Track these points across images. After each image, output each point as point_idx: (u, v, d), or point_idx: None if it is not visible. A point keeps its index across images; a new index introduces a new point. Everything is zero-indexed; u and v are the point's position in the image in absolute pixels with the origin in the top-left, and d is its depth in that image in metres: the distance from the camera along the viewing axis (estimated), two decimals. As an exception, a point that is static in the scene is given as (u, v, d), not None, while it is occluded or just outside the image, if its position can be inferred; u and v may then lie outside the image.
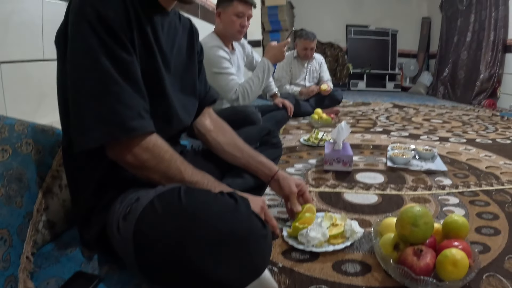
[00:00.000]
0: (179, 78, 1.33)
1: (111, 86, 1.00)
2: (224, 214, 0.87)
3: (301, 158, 2.61)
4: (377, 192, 1.95)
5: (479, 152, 2.83)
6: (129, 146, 1.05)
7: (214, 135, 1.55)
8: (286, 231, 1.46)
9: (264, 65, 2.77)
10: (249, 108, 2.66)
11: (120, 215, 1.01)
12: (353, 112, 4.95)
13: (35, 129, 1.32)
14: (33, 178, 1.25)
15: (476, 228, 1.55)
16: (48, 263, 1.19)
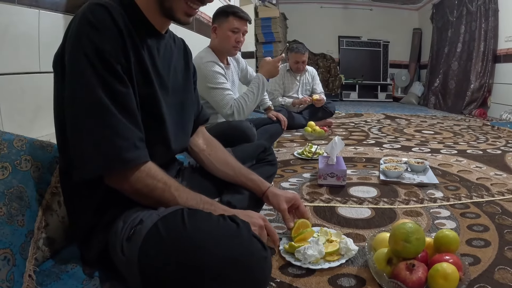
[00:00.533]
0: (177, 100, 1.36)
1: (107, 119, 1.02)
2: (226, 240, 0.91)
3: (296, 172, 2.64)
4: (370, 206, 1.98)
5: (470, 164, 2.87)
6: (124, 176, 1.08)
7: (206, 154, 1.58)
8: (283, 246, 1.49)
9: (259, 80, 2.80)
10: (244, 123, 2.67)
11: (124, 236, 1.04)
12: (346, 124, 5.00)
13: (34, 145, 1.32)
14: (33, 195, 1.25)
15: (467, 240, 1.58)
16: (49, 280, 1.19)
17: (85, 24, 1.02)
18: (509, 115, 5.25)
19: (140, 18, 1.18)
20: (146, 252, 0.93)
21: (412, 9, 9.43)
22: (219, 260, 0.87)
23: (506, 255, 1.45)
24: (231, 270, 0.87)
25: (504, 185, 2.30)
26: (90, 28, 1.02)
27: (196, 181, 1.56)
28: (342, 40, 9.36)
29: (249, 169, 1.65)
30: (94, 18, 1.03)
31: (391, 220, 1.78)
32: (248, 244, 0.93)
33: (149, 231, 0.96)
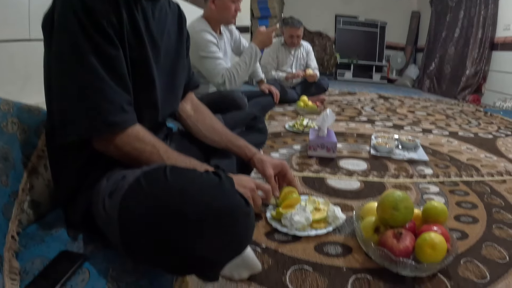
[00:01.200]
0: (168, 63, 1.34)
1: (94, 82, 1.01)
2: (208, 190, 0.88)
3: (286, 144, 2.62)
4: (360, 179, 1.97)
5: (461, 145, 2.87)
6: (111, 140, 1.07)
7: (194, 119, 1.57)
8: (270, 213, 1.47)
9: (251, 50, 2.79)
10: (235, 92, 2.67)
11: (106, 193, 1.02)
12: (339, 101, 4.96)
13: (21, 109, 1.31)
14: (19, 157, 1.25)
15: (455, 216, 1.58)
16: (33, 243, 1.19)
17: None
18: (502, 103, 5.24)
19: None
20: (126, 205, 0.90)
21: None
22: (200, 208, 0.84)
23: (494, 232, 1.45)
24: (213, 219, 0.84)
25: (494, 167, 2.30)
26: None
27: (184, 145, 1.54)
28: (339, 19, 9.26)
29: (238, 135, 1.63)
30: None
31: (380, 193, 1.77)
32: (231, 196, 0.90)
33: (130, 185, 0.92)
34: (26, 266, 1.07)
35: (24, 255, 1.12)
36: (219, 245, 0.86)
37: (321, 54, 8.50)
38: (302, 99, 3.99)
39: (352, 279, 1.13)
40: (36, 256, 1.12)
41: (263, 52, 4.53)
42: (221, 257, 0.89)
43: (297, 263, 1.20)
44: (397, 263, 1.11)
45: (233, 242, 0.89)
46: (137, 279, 1.06)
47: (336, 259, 1.23)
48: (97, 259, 1.13)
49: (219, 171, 0.97)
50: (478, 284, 1.13)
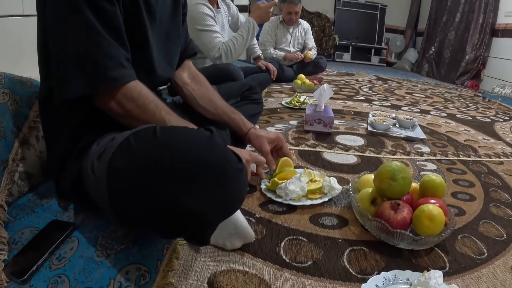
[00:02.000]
0: (164, 29, 1.31)
1: (92, 37, 0.98)
2: (199, 143, 0.84)
3: (282, 119, 2.59)
4: (356, 154, 1.94)
5: (458, 126, 2.84)
6: (113, 95, 1.04)
7: (190, 88, 1.53)
8: (264, 184, 1.44)
9: (249, 24, 2.77)
10: (231, 66, 2.65)
11: (95, 155, 1.00)
12: (336, 81, 4.91)
13: (13, 80, 1.30)
14: (9, 127, 1.24)
15: (452, 193, 1.56)
16: (23, 213, 1.18)
17: None
18: (501, 89, 5.21)
19: None
20: (115, 165, 0.87)
21: (413, -26, 9.27)
22: (191, 161, 0.81)
23: (491, 210, 1.44)
24: (202, 173, 0.81)
25: (492, 149, 2.27)
26: None
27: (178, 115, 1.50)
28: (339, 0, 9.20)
29: (233, 106, 1.59)
30: None
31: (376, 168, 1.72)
32: (222, 151, 0.87)
33: (119, 144, 0.90)
34: (16, 236, 1.07)
35: (14, 226, 1.12)
36: (210, 201, 0.82)
37: (319, 35, 8.43)
38: (299, 77, 3.94)
39: (348, 251, 1.11)
40: (25, 226, 1.12)
41: (261, 29, 4.48)
42: (211, 214, 0.85)
43: (292, 234, 1.18)
44: (394, 235, 1.09)
45: (225, 198, 0.86)
46: (126, 247, 1.05)
47: (331, 231, 1.21)
48: (86, 228, 1.13)
49: (211, 128, 0.93)
50: (475, 260, 1.11)
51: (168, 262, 1.00)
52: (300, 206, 1.33)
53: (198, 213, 0.81)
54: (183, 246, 1.08)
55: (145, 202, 0.82)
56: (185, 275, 0.97)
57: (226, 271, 1.00)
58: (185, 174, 0.79)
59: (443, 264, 1.08)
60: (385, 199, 1.20)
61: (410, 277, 0.97)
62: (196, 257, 1.04)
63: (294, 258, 1.06)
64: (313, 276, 1.00)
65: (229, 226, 1.05)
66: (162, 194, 0.80)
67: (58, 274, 0.94)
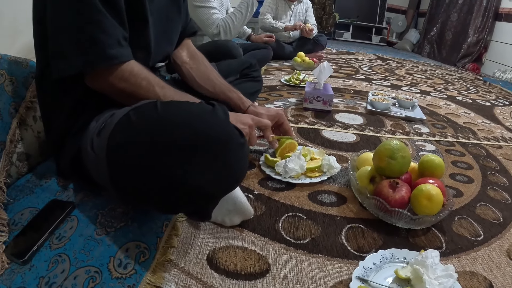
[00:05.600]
0: (162, 8, 1.30)
1: (91, 14, 0.97)
2: (200, 116, 0.84)
3: (281, 97, 2.57)
4: (355, 132, 1.94)
5: (458, 108, 2.83)
6: (106, 75, 1.04)
7: (188, 67, 1.53)
8: (264, 158, 1.44)
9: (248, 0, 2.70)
10: (230, 42, 2.62)
11: (94, 132, 0.99)
12: (336, 60, 4.87)
13: (8, 61, 1.29)
14: (6, 108, 1.23)
15: (451, 174, 1.56)
16: (22, 194, 1.18)
17: None
18: (502, 74, 5.19)
19: None
20: (115, 140, 0.86)
21: (418, -47, 9.16)
22: (191, 134, 0.80)
23: (488, 193, 1.44)
24: (203, 146, 0.80)
25: (491, 133, 2.26)
26: None
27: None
28: (341, -23, 9.11)
29: (232, 84, 1.59)
30: None
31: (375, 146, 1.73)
32: (224, 124, 0.86)
33: (119, 120, 0.89)
34: (15, 217, 1.07)
35: (14, 207, 1.12)
36: (211, 175, 0.81)
37: (320, 13, 8.36)
38: (299, 55, 3.91)
39: (346, 228, 1.12)
40: (25, 207, 1.12)
41: (263, 3, 4.43)
42: (213, 189, 0.84)
43: (290, 211, 1.18)
44: (392, 214, 1.09)
45: (226, 172, 0.85)
46: (126, 224, 1.06)
47: (330, 208, 1.22)
48: (86, 207, 1.13)
49: (213, 102, 0.93)
50: (472, 241, 1.12)
51: (168, 239, 1.01)
52: (299, 183, 1.33)
53: (199, 188, 0.81)
54: (182, 223, 1.08)
55: (146, 177, 0.81)
56: (184, 251, 0.98)
57: (225, 247, 1.00)
58: (186, 148, 0.79)
59: (440, 244, 1.08)
60: (383, 178, 1.20)
61: (407, 256, 0.98)
62: (195, 234, 1.04)
63: (292, 234, 1.06)
64: (311, 253, 1.00)
65: (228, 202, 1.05)
66: (162, 169, 0.79)
67: (58, 253, 0.94)
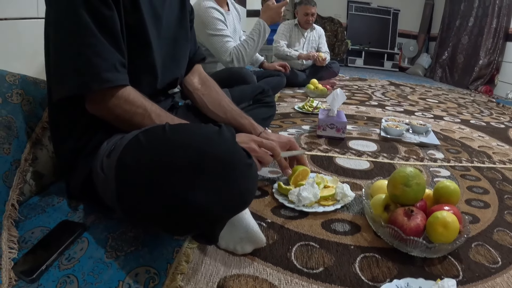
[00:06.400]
0: (170, 33, 1.34)
1: (88, 39, 1.01)
2: (207, 137, 0.86)
3: (295, 124, 2.59)
4: (369, 159, 1.93)
5: (472, 132, 2.82)
6: (102, 100, 1.07)
7: (200, 93, 1.55)
8: (277, 186, 1.45)
9: (260, 26, 2.74)
10: (244, 69, 2.65)
11: (104, 154, 1.02)
12: (349, 86, 4.90)
13: (26, 81, 1.33)
14: (23, 127, 1.25)
15: (466, 200, 1.54)
16: (34, 213, 1.19)
17: None
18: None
19: None
20: (124, 162, 0.89)
21: (426, -22, 9.24)
22: (198, 154, 0.82)
23: (506, 218, 1.42)
24: (211, 167, 0.81)
25: (506, 155, 2.25)
26: None
27: (189, 119, 1.51)
28: (351, 5, 9.17)
29: (245, 109, 1.62)
30: None
31: (389, 174, 1.71)
32: (230, 145, 0.88)
33: (128, 142, 0.92)
34: (26, 235, 1.08)
35: (25, 225, 1.13)
36: (217, 195, 0.82)
37: (332, 40, 8.43)
38: (312, 82, 3.95)
39: (360, 257, 1.10)
40: (36, 226, 1.13)
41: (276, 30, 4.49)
42: (219, 209, 0.85)
43: (303, 239, 1.18)
44: (407, 242, 1.08)
45: (232, 193, 0.86)
46: (136, 249, 1.06)
47: (343, 237, 1.21)
48: (96, 229, 1.13)
49: (220, 124, 0.94)
50: (489, 268, 1.09)
51: (178, 265, 1.00)
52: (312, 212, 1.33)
53: (204, 208, 0.82)
54: (193, 250, 1.08)
55: (153, 197, 0.83)
56: (194, 278, 0.97)
57: (236, 275, 0.99)
58: (192, 169, 0.81)
59: (457, 273, 1.06)
60: (398, 205, 1.19)
61: (423, 285, 0.96)
62: (206, 261, 1.04)
63: (305, 264, 1.06)
64: (324, 282, 0.99)
65: (240, 230, 1.05)
66: (168, 189, 0.81)
67: (67, 274, 0.95)
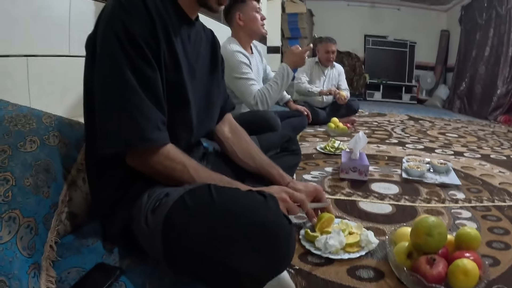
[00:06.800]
0: (203, 86, 1.40)
1: (133, 98, 1.07)
2: (254, 209, 0.93)
3: (318, 166, 2.65)
4: (391, 203, 1.98)
5: (493, 168, 2.85)
6: (143, 157, 1.13)
7: (230, 142, 1.61)
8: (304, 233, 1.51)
9: (283, 70, 2.80)
10: (268, 113, 2.70)
11: (148, 208, 1.08)
12: (369, 123, 4.98)
13: (62, 122, 1.37)
14: (60, 170, 1.28)
15: (487, 242, 1.57)
16: (69, 253, 1.19)
17: (118, 6, 1.08)
18: (534, 123, 5.18)
19: (172, 3, 1.24)
20: (171, 222, 0.96)
21: (440, 10, 9.30)
22: (246, 228, 0.89)
23: (526, 259, 1.44)
24: (258, 237, 0.88)
25: (527, 191, 2.27)
26: (122, 11, 1.07)
27: (219, 166, 1.58)
28: (368, 39, 9.31)
29: (273, 157, 1.67)
30: (128, 3, 1.08)
31: (412, 217, 1.79)
32: (276, 215, 0.94)
33: (175, 202, 0.98)
34: (62, 275, 1.09)
35: (61, 265, 1.13)
36: (262, 262, 0.89)
37: (350, 75, 8.53)
38: (332, 120, 4.03)
39: (386, 304, 1.16)
40: (72, 266, 1.13)
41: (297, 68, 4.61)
42: (263, 275, 0.92)
43: (330, 286, 1.23)
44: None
45: (276, 260, 0.93)
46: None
47: (368, 283, 1.26)
48: (134, 273, 1.13)
49: (263, 191, 1.01)
50: (510, 311, 1.13)
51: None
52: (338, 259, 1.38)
53: (249, 274, 0.89)
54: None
55: (199, 260, 0.91)
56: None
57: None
58: (241, 238, 0.88)
59: (478, 317, 1.11)
60: (421, 253, 1.24)
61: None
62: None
63: (333, 310, 1.11)
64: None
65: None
66: (216, 254, 0.88)
67: None
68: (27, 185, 1.09)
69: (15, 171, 1.07)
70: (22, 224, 1.01)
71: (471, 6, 7.74)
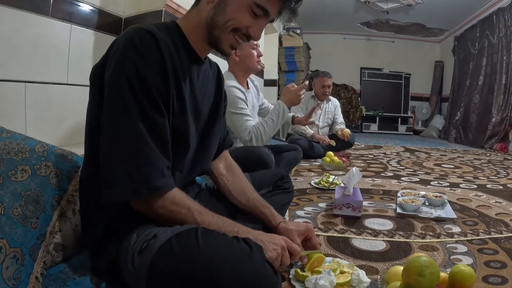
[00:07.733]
0: (205, 124, 1.40)
1: (141, 147, 1.06)
2: (238, 261, 0.92)
3: (311, 201, 2.63)
4: (385, 239, 1.95)
5: (489, 198, 2.83)
6: (149, 202, 1.12)
7: (225, 179, 1.61)
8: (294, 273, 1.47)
9: (279, 108, 2.82)
10: (262, 149, 2.69)
11: (135, 249, 1.07)
12: (365, 156, 4.98)
13: (55, 153, 1.37)
14: (49, 201, 1.28)
15: (484, 277, 1.54)
16: (55, 285, 1.21)
17: (131, 47, 1.07)
18: (530, 150, 5.18)
19: (184, 45, 1.24)
20: (156, 266, 0.96)
21: (434, 41, 9.45)
22: (230, 281, 0.88)
23: (523, 294, 1.41)
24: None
25: (524, 222, 2.25)
26: (135, 53, 1.06)
27: (212, 203, 1.57)
28: (364, 71, 9.42)
29: (265, 196, 1.67)
30: (141, 44, 1.07)
31: (406, 254, 1.75)
32: (260, 268, 0.94)
33: (161, 246, 0.98)
34: None
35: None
36: None
37: (347, 107, 8.58)
38: (328, 154, 4.04)
39: None
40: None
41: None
42: None
43: (321, 327, 1.20)
44: (422, 331, 1.11)
45: None
46: None
47: (361, 324, 1.23)
48: None
49: (249, 240, 1.00)
50: None
51: None
52: (328, 299, 1.35)
53: None
54: None
55: None
56: None
57: None
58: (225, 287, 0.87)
59: None
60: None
61: None
62: None
63: None
64: None
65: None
66: None
67: None
68: (15, 215, 1.09)
69: (5, 200, 1.08)
70: (8, 254, 1.01)
71: (463, 36, 7.86)
